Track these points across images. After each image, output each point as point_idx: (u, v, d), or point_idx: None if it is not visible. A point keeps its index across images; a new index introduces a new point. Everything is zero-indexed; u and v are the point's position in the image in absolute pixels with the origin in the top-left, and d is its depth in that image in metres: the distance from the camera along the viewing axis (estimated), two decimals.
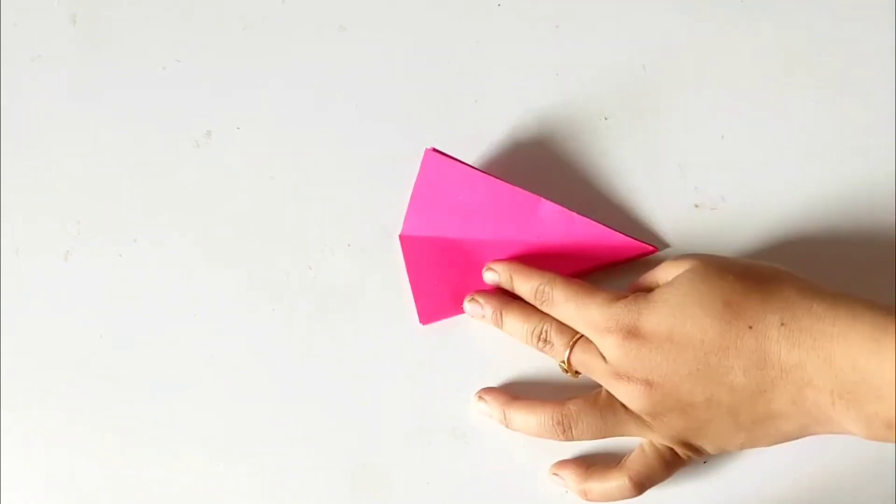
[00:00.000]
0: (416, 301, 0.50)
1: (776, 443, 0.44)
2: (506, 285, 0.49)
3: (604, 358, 0.45)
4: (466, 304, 0.49)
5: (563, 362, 0.46)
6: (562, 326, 0.47)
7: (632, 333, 0.43)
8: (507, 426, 0.48)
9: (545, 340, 0.47)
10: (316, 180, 0.52)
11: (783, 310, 0.41)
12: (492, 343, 0.50)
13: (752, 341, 0.41)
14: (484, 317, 0.49)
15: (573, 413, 0.46)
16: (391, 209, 0.51)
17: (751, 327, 0.41)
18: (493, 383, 0.49)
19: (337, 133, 0.52)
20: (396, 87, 0.53)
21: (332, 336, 0.50)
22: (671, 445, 0.45)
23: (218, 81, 0.53)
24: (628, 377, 0.44)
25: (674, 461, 0.46)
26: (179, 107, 0.53)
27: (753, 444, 0.44)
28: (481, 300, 0.49)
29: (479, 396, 0.49)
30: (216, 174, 0.52)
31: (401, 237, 0.50)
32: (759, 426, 0.43)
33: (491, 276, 0.49)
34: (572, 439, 0.46)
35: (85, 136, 0.53)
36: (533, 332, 0.47)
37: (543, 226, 0.49)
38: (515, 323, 0.48)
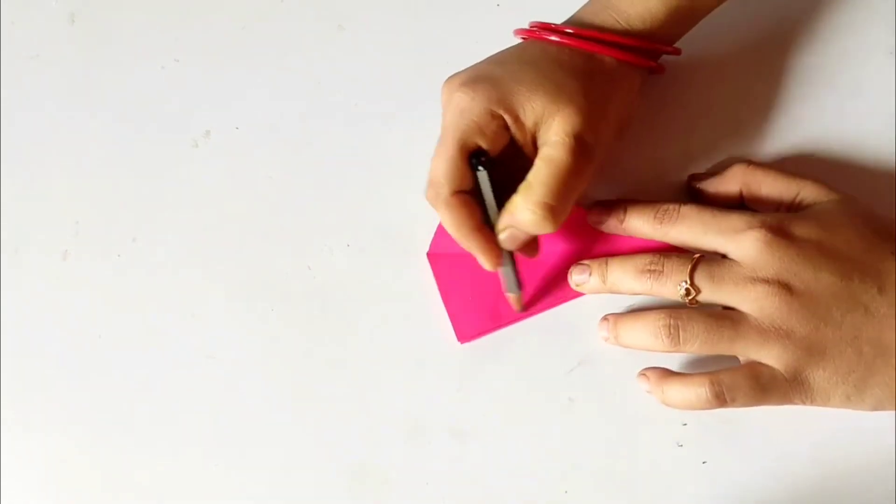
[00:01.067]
0: (452, 320, 0.49)
1: (878, 402, 0.43)
2: (615, 224, 0.48)
3: (737, 264, 0.44)
4: (573, 274, 0.48)
5: (685, 281, 0.45)
6: (675, 252, 0.46)
7: (780, 232, 0.44)
8: (616, 341, 0.47)
9: (657, 271, 0.45)
10: (315, 180, 0.52)
11: None
12: (491, 342, 0.49)
13: (893, 265, 0.43)
14: (590, 277, 0.47)
15: (685, 317, 0.45)
16: (391, 209, 0.51)
17: (893, 253, 0.44)
18: (494, 383, 0.49)
19: (336, 133, 0.52)
20: (396, 86, 0.53)
21: (331, 336, 0.50)
22: (781, 370, 0.44)
23: (217, 81, 0.53)
24: (766, 280, 0.43)
25: (767, 388, 0.44)
26: (178, 106, 0.53)
27: (863, 391, 0.43)
28: (586, 262, 0.48)
29: (604, 318, 0.48)
30: (215, 174, 0.52)
31: (429, 255, 0.50)
32: (878, 361, 0.43)
33: (597, 216, 0.48)
34: (678, 346, 0.44)
35: (83, 136, 0.53)
36: (642, 268, 0.46)
37: (574, 234, 0.49)
38: (620, 267, 0.47)
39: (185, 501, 0.49)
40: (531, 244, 0.47)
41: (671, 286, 0.45)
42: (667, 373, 0.47)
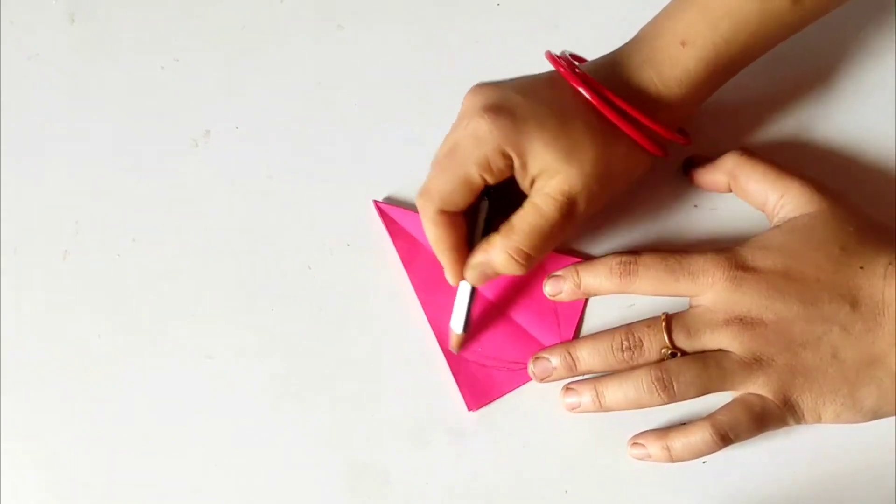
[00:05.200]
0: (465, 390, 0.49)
1: (872, 412, 0.44)
2: (572, 289, 0.48)
3: (708, 310, 0.45)
4: (533, 369, 0.48)
5: (666, 347, 0.45)
6: (642, 321, 0.46)
7: (745, 268, 0.44)
8: (601, 406, 0.47)
9: (631, 347, 0.46)
10: (315, 180, 0.52)
11: (893, 254, 0.44)
12: None
13: (863, 280, 0.44)
14: (555, 369, 0.47)
15: (673, 368, 0.45)
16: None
17: (862, 267, 0.44)
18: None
19: (336, 132, 0.52)
20: (395, 86, 0.53)
21: (331, 336, 0.50)
22: (770, 397, 0.44)
23: (216, 81, 0.53)
24: (739, 317, 0.44)
25: (763, 416, 0.45)
26: (178, 106, 0.53)
27: (852, 406, 0.44)
28: (545, 354, 0.48)
29: (566, 387, 0.48)
30: (215, 174, 0.52)
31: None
32: (863, 375, 0.43)
33: (552, 287, 0.48)
34: (674, 398, 0.45)
35: (83, 136, 0.53)
36: (613, 347, 0.46)
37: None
38: (589, 350, 0.47)
39: (185, 501, 0.49)
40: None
41: (654, 355, 0.46)
42: (662, 432, 0.47)
